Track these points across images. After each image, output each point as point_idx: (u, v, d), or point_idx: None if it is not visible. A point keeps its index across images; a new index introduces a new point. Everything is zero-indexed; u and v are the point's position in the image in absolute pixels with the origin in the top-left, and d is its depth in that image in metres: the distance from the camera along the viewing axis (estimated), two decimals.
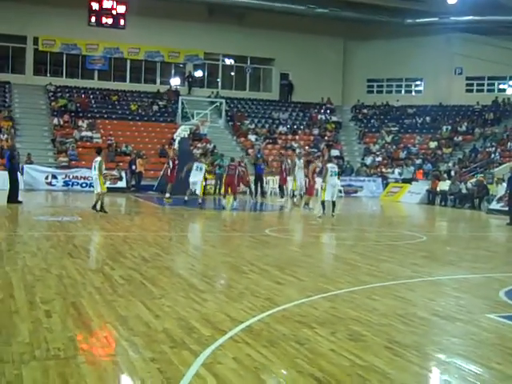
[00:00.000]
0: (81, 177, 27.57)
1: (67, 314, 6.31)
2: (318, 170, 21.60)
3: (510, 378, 4.90)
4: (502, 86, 41.81)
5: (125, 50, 39.56)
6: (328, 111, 42.16)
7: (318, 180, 21.60)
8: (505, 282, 8.98)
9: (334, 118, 41.60)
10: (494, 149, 34.62)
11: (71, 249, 10.70)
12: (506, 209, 20.09)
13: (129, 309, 6.61)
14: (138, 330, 5.83)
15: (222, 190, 22.46)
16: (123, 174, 28.37)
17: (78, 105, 35.99)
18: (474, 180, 28.20)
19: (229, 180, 21.49)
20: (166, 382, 4.55)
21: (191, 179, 21.50)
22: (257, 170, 29.40)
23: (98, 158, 17.46)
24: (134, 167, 28.84)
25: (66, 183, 27.59)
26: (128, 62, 40.26)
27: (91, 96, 38.02)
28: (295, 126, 40.02)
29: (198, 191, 21.17)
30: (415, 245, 13.40)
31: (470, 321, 6.63)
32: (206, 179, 27.82)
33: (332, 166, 19.14)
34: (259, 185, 29.01)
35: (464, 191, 26.70)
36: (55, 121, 33.73)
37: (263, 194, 28.78)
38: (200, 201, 20.86)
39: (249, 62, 42.69)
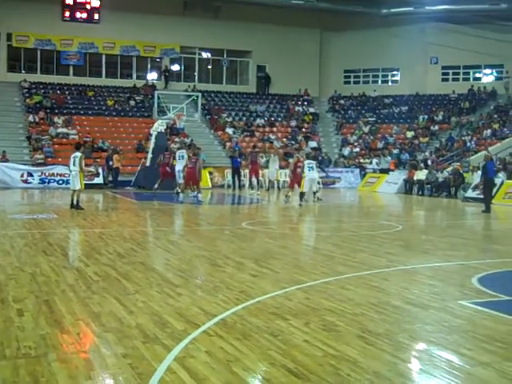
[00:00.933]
0: (57, 174, 27.37)
1: (39, 312, 6.26)
2: (300, 163, 21.48)
3: (480, 363, 4.94)
4: (477, 75, 42.15)
5: (100, 44, 39.28)
6: (305, 103, 42.25)
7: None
8: (478, 269, 9.06)
9: (312, 110, 41.69)
10: (469, 137, 34.90)
11: (46, 246, 10.62)
12: (482, 196, 20.29)
13: (102, 305, 6.58)
14: (110, 327, 5.80)
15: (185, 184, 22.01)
16: (100, 170, 28.21)
17: (54, 101, 35.69)
18: (450, 169, 28.42)
19: (190, 172, 20.54)
20: (138, 378, 4.53)
21: (177, 168, 21.47)
22: (234, 163, 29.40)
23: (78, 154, 17.34)
24: (110, 163, 28.69)
25: (42, 181, 27.37)
26: (103, 57, 40.01)
27: (67, 92, 37.73)
28: (272, 119, 40.04)
29: (181, 180, 21.12)
30: (391, 234, 13.48)
31: (442, 308, 6.69)
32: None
33: (309, 162, 20.38)
34: (237, 178, 29.04)
35: (440, 180, 26.90)
36: (30, 118, 33.44)
37: (241, 187, 28.79)
38: (178, 190, 20.82)
39: (225, 55, 42.58)
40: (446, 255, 10.55)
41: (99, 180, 27.92)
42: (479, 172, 24.71)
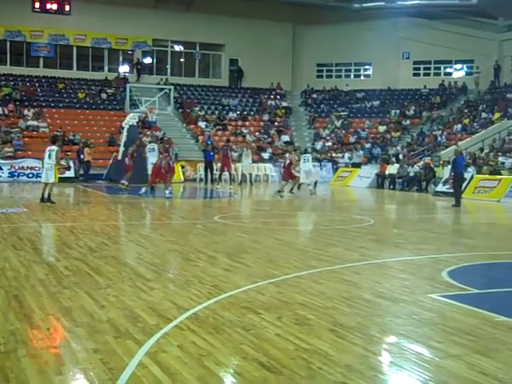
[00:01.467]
0: (27, 167, 27.08)
1: (9, 308, 6.18)
2: (295, 160, 22.35)
3: (450, 356, 5.00)
4: (448, 70, 42.54)
5: (71, 36, 38.84)
6: (278, 97, 42.25)
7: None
8: (448, 262, 9.16)
9: (284, 104, 41.74)
10: (440, 132, 35.25)
11: (15, 241, 10.49)
12: (452, 191, 20.52)
13: (73, 300, 6.52)
14: (81, 321, 5.75)
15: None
16: (71, 164, 27.95)
17: (24, 93, 35.24)
18: (421, 163, 28.68)
19: (156, 169, 20.45)
20: (109, 373, 4.50)
21: (150, 160, 21.35)
22: (206, 157, 29.35)
23: (55, 147, 17.23)
24: (82, 156, 28.44)
25: (11, 174, 27.05)
26: (74, 49, 39.56)
27: (37, 84, 37.28)
28: (245, 112, 40.02)
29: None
30: (363, 228, 13.57)
31: (413, 301, 6.75)
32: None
33: (304, 155, 22.95)
34: (209, 172, 29.00)
35: (412, 174, 27.14)
36: None
37: (213, 180, 28.75)
38: (143, 190, 20.63)
39: (198, 48, 42.42)
40: (417, 249, 10.65)
41: (70, 174, 27.67)
42: (449, 166, 25.00)
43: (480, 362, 4.85)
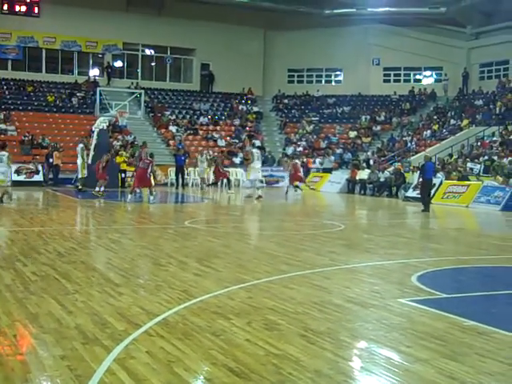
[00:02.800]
0: None
1: None
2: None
3: (418, 360, 5.02)
4: (417, 77, 43.02)
5: (40, 39, 38.41)
6: (249, 102, 42.27)
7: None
8: (418, 267, 9.23)
9: (255, 109, 41.77)
10: (410, 138, 35.58)
11: None
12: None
13: (40, 306, 6.42)
14: (48, 327, 5.67)
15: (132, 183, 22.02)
16: (40, 168, 27.62)
17: None
18: (391, 169, 28.89)
19: (140, 174, 20.41)
20: (76, 380, 4.43)
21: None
22: (177, 162, 29.24)
23: (5, 153, 17.58)
24: (51, 160, 28.12)
25: None
26: (43, 51, 39.12)
27: (5, 87, 36.77)
28: (216, 117, 39.92)
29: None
30: (334, 233, 13.61)
31: (382, 306, 6.78)
32: (124, 171, 27.59)
33: (256, 151, 23.30)
34: (180, 176, 28.90)
35: (382, 180, 27.32)
36: None
37: (184, 185, 28.66)
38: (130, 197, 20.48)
39: (169, 52, 42.28)
40: (387, 254, 10.71)
41: (39, 178, 27.35)
42: (419, 172, 25.23)
43: (449, 366, 4.88)
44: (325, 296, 7.18)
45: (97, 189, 21.50)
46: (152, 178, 21.10)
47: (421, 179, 20.07)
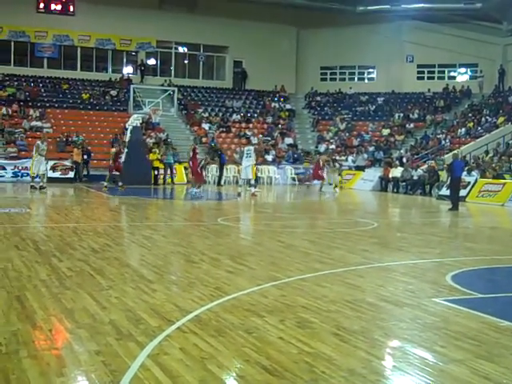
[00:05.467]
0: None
1: (11, 308, 6.16)
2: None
3: (453, 360, 4.97)
4: (452, 74, 42.50)
5: (75, 37, 38.85)
6: (282, 99, 42.21)
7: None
8: (452, 266, 9.13)
9: (288, 106, 41.69)
10: (444, 135, 35.17)
11: (18, 241, 10.48)
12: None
13: (75, 301, 6.50)
14: (83, 323, 5.73)
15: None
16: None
17: (28, 94, 35.25)
18: (425, 167, 28.61)
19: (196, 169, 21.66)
20: (111, 375, 4.48)
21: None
22: (222, 159, 29.43)
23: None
24: (85, 157, 28.47)
25: (15, 174, 27.08)
26: (78, 49, 39.57)
27: (41, 85, 37.28)
28: (249, 115, 39.95)
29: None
30: (367, 231, 13.53)
31: (416, 305, 6.71)
32: (157, 169, 27.81)
33: (247, 149, 22.85)
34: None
35: (415, 178, 27.07)
36: (3, 110, 32.95)
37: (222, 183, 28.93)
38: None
39: (202, 49, 42.41)
40: (420, 253, 10.61)
41: (70, 175, 27.73)
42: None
43: (483, 367, 4.82)
44: (358, 294, 7.14)
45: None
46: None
47: (449, 177, 19.78)
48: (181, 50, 42.98)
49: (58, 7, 37.94)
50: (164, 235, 12.35)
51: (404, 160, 31.45)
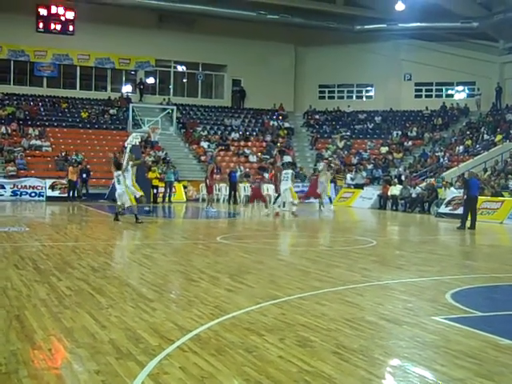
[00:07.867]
0: (30, 186, 27.17)
1: (10, 328, 6.16)
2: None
3: (453, 379, 4.96)
4: (449, 92, 42.74)
5: (74, 56, 39.07)
6: (280, 117, 42.37)
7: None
8: (451, 284, 9.13)
9: (287, 124, 41.85)
10: (442, 153, 35.28)
11: (17, 260, 10.48)
12: (455, 212, 20.44)
13: (74, 320, 6.49)
14: (83, 342, 5.72)
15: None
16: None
17: (27, 113, 35.38)
18: (423, 184, 28.65)
19: (255, 191, 24.32)
20: None
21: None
22: (232, 178, 29.52)
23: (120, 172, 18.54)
24: (84, 176, 28.51)
25: (14, 193, 27.12)
26: (78, 68, 39.77)
27: (40, 104, 37.43)
28: (247, 133, 40.11)
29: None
30: (366, 249, 13.53)
31: (416, 324, 6.71)
32: (157, 187, 27.82)
33: (285, 173, 22.71)
34: (232, 193, 29.29)
35: (414, 195, 27.10)
36: (3, 129, 33.11)
37: (235, 202, 29.04)
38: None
39: (200, 68, 42.63)
40: (419, 271, 10.61)
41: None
42: (452, 188, 25.00)
43: None
44: (357, 313, 7.14)
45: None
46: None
47: (465, 196, 19.47)
48: (180, 68, 43.21)
49: (58, 27, 38.19)
50: (163, 253, 12.33)
51: (402, 178, 31.50)
